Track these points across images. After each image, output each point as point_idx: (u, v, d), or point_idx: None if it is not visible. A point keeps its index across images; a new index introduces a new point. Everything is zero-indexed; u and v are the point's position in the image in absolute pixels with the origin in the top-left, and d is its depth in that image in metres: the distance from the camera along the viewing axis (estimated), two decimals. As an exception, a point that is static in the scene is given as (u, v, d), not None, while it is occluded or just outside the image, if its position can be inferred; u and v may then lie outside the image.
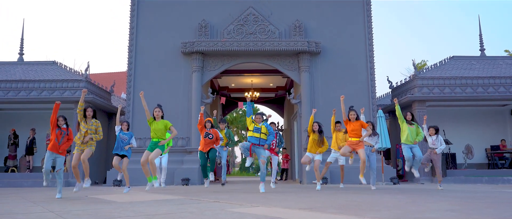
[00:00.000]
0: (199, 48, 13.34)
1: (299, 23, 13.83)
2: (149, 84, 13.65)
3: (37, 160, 14.65)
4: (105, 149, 15.40)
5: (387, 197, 5.98)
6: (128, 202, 5.72)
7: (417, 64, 29.49)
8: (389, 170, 12.87)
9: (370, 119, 13.40)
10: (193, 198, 6.37)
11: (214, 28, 13.98)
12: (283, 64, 13.81)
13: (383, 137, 12.02)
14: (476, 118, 15.72)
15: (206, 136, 8.55)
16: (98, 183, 14.30)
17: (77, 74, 14.68)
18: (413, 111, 13.93)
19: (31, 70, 14.88)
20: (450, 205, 4.63)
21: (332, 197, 6.23)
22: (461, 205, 4.62)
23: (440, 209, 4.17)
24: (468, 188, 8.79)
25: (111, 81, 17.88)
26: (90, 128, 6.48)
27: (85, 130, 6.44)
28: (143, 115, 13.17)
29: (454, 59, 15.86)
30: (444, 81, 13.92)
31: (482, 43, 16.38)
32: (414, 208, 4.34)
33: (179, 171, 12.68)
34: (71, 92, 13.55)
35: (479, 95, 13.72)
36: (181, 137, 13.13)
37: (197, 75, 13.56)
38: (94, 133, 6.55)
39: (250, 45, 13.30)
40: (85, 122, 6.58)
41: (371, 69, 13.80)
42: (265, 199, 5.88)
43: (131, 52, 13.89)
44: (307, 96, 13.41)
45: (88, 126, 6.51)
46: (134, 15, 14.11)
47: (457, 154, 15.18)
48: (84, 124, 6.54)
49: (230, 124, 42.21)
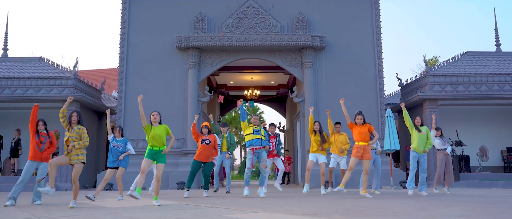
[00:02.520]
0: (196, 43, 13.36)
1: (302, 16, 13.85)
2: (142, 81, 13.68)
3: (23, 162, 14.67)
4: (94, 151, 15.43)
5: (395, 202, 6.01)
6: (120, 208, 5.75)
7: (428, 61, 29.48)
8: (398, 173, 12.89)
9: (378, 119, 13.42)
10: (189, 203, 6.40)
11: (212, 21, 13.99)
12: (285, 60, 13.83)
13: (392, 138, 12.01)
14: (491, 117, 15.73)
15: (202, 142, 8.30)
16: (87, 187, 14.33)
17: (65, 71, 14.70)
18: (424, 110, 13.95)
19: (16, 67, 14.90)
20: (462, 210, 4.66)
21: (336, 202, 6.26)
22: (474, 210, 4.65)
23: (451, 214, 4.20)
24: (482, 193, 8.82)
25: (101, 79, 17.90)
26: (71, 135, 6.07)
27: (66, 137, 6.05)
28: (135, 115, 13.19)
29: (468, 55, 15.87)
30: (457, 78, 13.94)
31: (497, 38, 16.39)
32: (423, 213, 4.37)
33: (174, 174, 12.71)
34: (59, 90, 13.57)
35: (494, 93, 13.74)
36: (176, 138, 13.15)
37: (194, 72, 13.58)
38: (79, 139, 6.12)
39: (250, 40, 13.31)
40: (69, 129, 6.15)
41: (379, 65, 13.82)
42: (266, 204, 5.91)
43: (123, 47, 13.90)
44: (310, 94, 13.43)
45: (70, 133, 6.09)
46: (126, 8, 14.13)
47: (471, 156, 15.19)
48: (67, 131, 6.13)
49: (229, 124, 42.26)
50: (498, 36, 16.43)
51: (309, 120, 8.84)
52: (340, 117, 12.77)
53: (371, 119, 13.26)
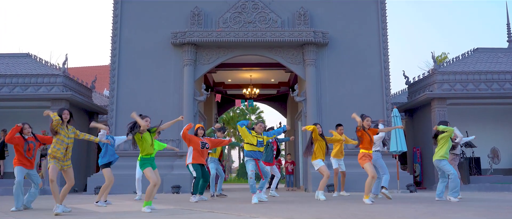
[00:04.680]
0: (192, 39, 13.33)
1: (303, 10, 13.82)
2: (135, 79, 13.65)
3: (9, 165, 14.64)
4: (85, 153, 15.41)
5: (402, 207, 5.99)
6: (112, 212, 5.73)
7: (437, 57, 29.49)
8: (405, 176, 12.88)
9: (384, 118, 13.39)
10: (185, 208, 6.38)
11: (209, 16, 13.96)
12: (286, 57, 13.81)
13: (399, 139, 12.02)
14: (503, 117, 15.73)
15: (203, 147, 8.25)
16: (77, 191, 14.31)
17: (54, 68, 14.67)
18: (432, 109, 13.94)
19: (1, 64, 14.87)
20: (474, 215, 4.64)
21: (340, 206, 6.25)
22: (487, 215, 4.64)
23: (462, 220, 4.18)
24: (494, 197, 8.81)
25: (92, 76, 17.88)
26: (69, 136, 5.88)
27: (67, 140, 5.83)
28: (128, 115, 13.10)
29: (479, 52, 15.87)
30: (467, 76, 13.93)
31: (510, 33, 16.40)
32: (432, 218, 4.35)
33: (169, 177, 12.69)
34: (47, 88, 13.54)
35: (506, 92, 13.73)
36: (171, 139, 13.13)
37: (189, 69, 13.55)
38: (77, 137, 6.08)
39: (249, 35, 13.29)
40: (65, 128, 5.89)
41: (385, 62, 13.80)
42: (266, 209, 5.89)
43: (115, 43, 13.87)
44: (313, 93, 13.41)
45: (66, 132, 5.88)
46: (118, 2, 14.08)
47: (482, 158, 15.19)
48: (63, 131, 5.85)
49: (226, 124, 42.18)
50: (510, 32, 16.44)
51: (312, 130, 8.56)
52: (342, 118, 12.81)
53: (376, 118, 13.25)
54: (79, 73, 25.11)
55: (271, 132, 8.49)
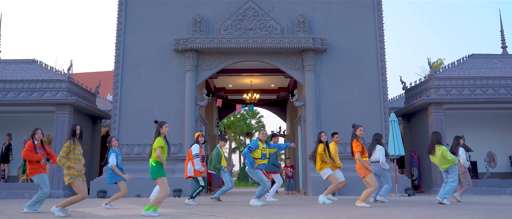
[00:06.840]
0: (193, 45, 13.32)
1: (303, 18, 13.82)
2: (137, 85, 13.61)
3: (13, 168, 14.59)
4: (88, 157, 15.34)
5: (401, 211, 5.93)
6: (114, 216, 5.68)
7: (433, 63, 29.51)
8: (403, 180, 12.81)
9: (381, 123, 13.37)
10: (185, 212, 6.32)
11: (210, 23, 13.95)
12: (285, 63, 13.79)
13: (396, 143, 11.98)
14: (498, 122, 15.67)
15: (204, 160, 8.76)
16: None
17: (59, 74, 14.64)
18: (429, 114, 13.89)
19: (8, 69, 14.84)
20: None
21: (339, 210, 6.18)
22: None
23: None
24: (491, 200, 8.74)
25: (96, 82, 17.88)
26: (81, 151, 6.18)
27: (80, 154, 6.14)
28: (131, 119, 13.13)
29: (474, 58, 15.83)
30: (463, 81, 13.89)
31: (503, 40, 16.37)
32: (431, 222, 4.29)
33: (170, 181, 12.58)
34: (52, 93, 13.50)
35: (501, 97, 13.68)
36: (173, 143, 13.08)
37: (191, 75, 13.52)
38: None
39: (250, 42, 13.27)
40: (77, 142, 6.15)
41: (383, 68, 13.78)
42: (266, 212, 5.83)
43: (119, 49, 13.86)
44: (312, 98, 13.37)
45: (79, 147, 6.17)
46: (122, 9, 14.09)
47: (478, 162, 15.11)
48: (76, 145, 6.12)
49: (227, 129, 42.12)
50: (504, 38, 16.42)
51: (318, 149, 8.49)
52: (340, 124, 12.77)
53: (374, 123, 13.22)
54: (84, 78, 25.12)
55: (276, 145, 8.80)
